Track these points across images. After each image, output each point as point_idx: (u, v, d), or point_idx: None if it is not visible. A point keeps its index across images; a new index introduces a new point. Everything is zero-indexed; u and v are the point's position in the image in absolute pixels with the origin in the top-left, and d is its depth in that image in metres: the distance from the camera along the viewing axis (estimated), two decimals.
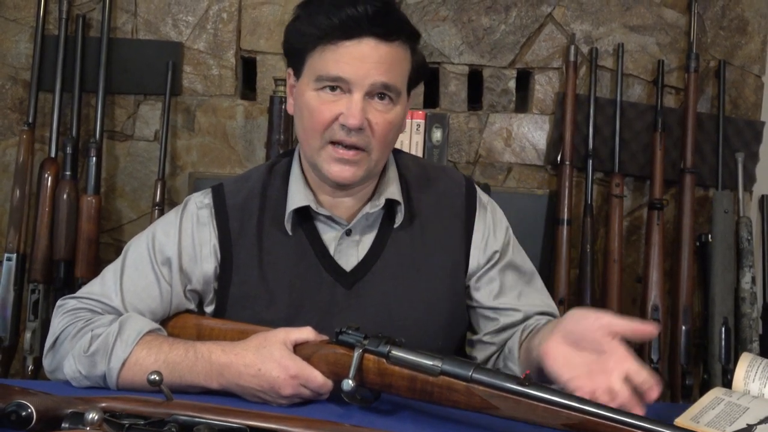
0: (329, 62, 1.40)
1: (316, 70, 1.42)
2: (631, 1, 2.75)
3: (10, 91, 2.66)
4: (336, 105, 1.40)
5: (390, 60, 1.41)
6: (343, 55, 1.39)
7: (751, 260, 2.66)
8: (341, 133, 1.41)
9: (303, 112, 1.45)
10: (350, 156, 1.42)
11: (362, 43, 1.39)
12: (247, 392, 1.31)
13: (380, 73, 1.40)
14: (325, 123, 1.41)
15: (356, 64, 1.39)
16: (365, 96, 1.40)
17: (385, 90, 1.41)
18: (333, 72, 1.39)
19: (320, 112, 1.41)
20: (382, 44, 1.40)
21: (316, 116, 1.42)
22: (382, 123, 1.42)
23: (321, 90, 1.41)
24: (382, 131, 1.43)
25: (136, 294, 1.47)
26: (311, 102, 1.42)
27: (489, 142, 2.75)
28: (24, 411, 1.04)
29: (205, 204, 1.53)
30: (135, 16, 2.66)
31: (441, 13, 2.70)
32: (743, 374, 1.31)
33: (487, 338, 1.56)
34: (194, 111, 2.69)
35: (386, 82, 1.41)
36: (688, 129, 2.69)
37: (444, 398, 1.20)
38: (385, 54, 1.41)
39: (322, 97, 1.41)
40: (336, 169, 1.43)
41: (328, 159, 1.43)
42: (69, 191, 2.47)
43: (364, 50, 1.39)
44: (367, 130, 1.41)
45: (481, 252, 1.55)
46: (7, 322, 2.43)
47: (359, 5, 1.38)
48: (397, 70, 1.43)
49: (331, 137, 1.42)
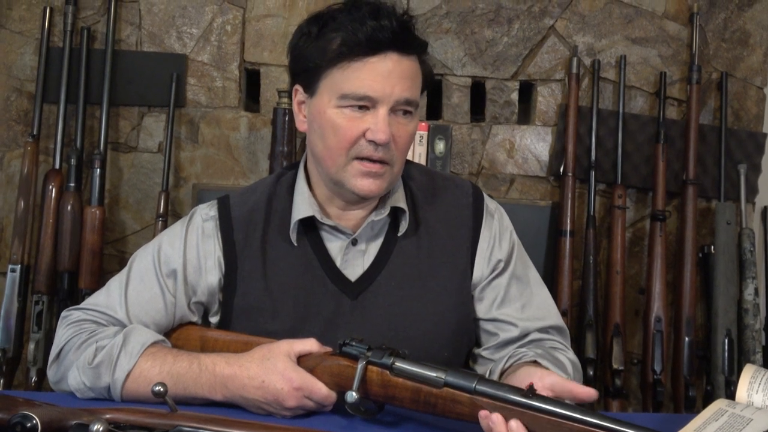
0: (354, 80, 1.39)
1: (339, 87, 1.41)
2: (634, 14, 2.76)
3: (15, 102, 2.67)
4: (362, 122, 1.41)
5: (411, 74, 1.43)
6: (369, 72, 1.39)
7: (753, 271, 2.66)
8: (369, 149, 1.41)
9: (326, 131, 1.44)
10: (377, 169, 1.42)
11: (387, 59, 1.40)
12: (251, 404, 1.31)
13: (404, 89, 1.41)
14: (352, 140, 1.41)
15: (381, 81, 1.39)
16: (390, 111, 1.41)
17: (407, 105, 1.42)
18: (360, 91, 1.39)
19: (347, 129, 1.41)
20: (404, 58, 1.41)
21: (342, 133, 1.41)
22: (405, 136, 1.44)
23: (346, 108, 1.41)
24: (404, 144, 1.45)
25: (140, 306, 1.47)
26: (336, 120, 1.42)
27: (492, 154, 2.76)
28: (29, 422, 1.04)
29: (211, 216, 1.53)
30: (139, 29, 2.67)
31: (444, 26, 2.71)
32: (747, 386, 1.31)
33: (486, 353, 1.56)
34: (198, 123, 2.70)
35: (409, 97, 1.42)
36: (690, 141, 2.69)
37: (448, 410, 1.20)
38: (407, 68, 1.42)
39: (347, 114, 1.41)
40: (364, 183, 1.43)
41: (355, 174, 1.43)
42: (73, 202, 2.48)
43: (388, 66, 1.40)
44: (391, 144, 1.41)
45: (485, 261, 1.55)
46: (11, 333, 2.43)
47: (383, 20, 1.38)
48: (416, 83, 1.45)
49: (358, 153, 1.42)
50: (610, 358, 2.56)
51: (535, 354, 1.45)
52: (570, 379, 1.41)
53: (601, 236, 2.73)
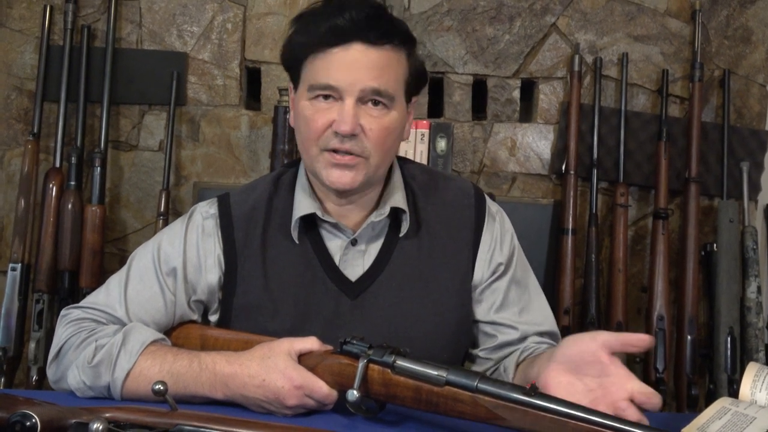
0: (320, 71, 1.41)
1: (308, 79, 1.43)
2: (636, 11, 2.75)
3: (15, 101, 2.66)
4: (329, 113, 1.41)
5: (381, 65, 1.42)
6: (333, 62, 1.40)
7: (756, 270, 2.65)
8: (335, 141, 1.41)
9: (299, 123, 1.47)
10: (346, 161, 1.42)
11: (351, 49, 1.40)
12: (252, 403, 1.30)
13: (370, 79, 1.40)
14: (318, 131, 1.42)
15: (345, 71, 1.40)
16: (357, 102, 1.40)
17: (376, 96, 1.42)
18: (323, 80, 1.40)
19: (314, 121, 1.42)
20: (372, 49, 1.41)
21: (310, 125, 1.43)
22: (377, 128, 1.42)
23: (314, 99, 1.43)
24: (377, 137, 1.43)
25: (140, 304, 1.46)
26: (305, 111, 1.44)
27: (493, 152, 2.75)
28: (28, 421, 1.03)
29: (211, 214, 1.53)
30: (140, 27, 2.67)
31: (445, 23, 2.71)
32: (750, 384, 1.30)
33: (483, 354, 1.55)
34: (199, 121, 2.69)
35: (376, 87, 1.41)
36: (692, 138, 2.69)
37: (449, 409, 1.20)
38: (375, 59, 1.41)
39: (316, 106, 1.43)
40: (335, 175, 1.43)
41: (325, 165, 1.43)
42: (74, 201, 2.48)
43: (353, 56, 1.40)
44: (361, 136, 1.41)
45: (486, 264, 1.55)
46: (12, 332, 2.43)
47: (346, 12, 1.40)
48: (389, 74, 1.43)
49: (325, 145, 1.42)
50: None
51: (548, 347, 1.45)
52: None
53: (603, 234, 2.72)
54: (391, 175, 1.55)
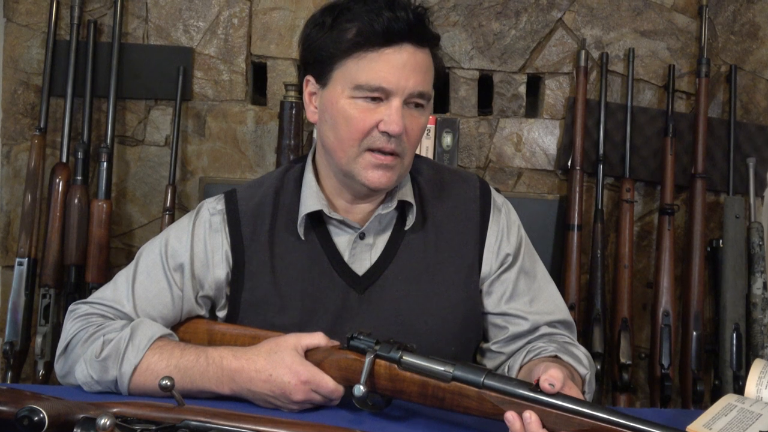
0: (369, 70, 1.39)
1: (353, 78, 1.40)
2: (642, 6, 2.74)
3: (22, 96, 2.67)
4: (375, 113, 1.40)
5: (425, 67, 1.43)
6: (384, 63, 1.39)
7: (762, 266, 2.65)
8: (381, 140, 1.40)
9: (338, 121, 1.43)
10: (389, 161, 1.42)
11: (402, 50, 1.40)
12: (259, 397, 1.31)
13: (417, 82, 1.40)
14: (364, 131, 1.41)
15: (396, 72, 1.39)
16: (402, 104, 1.40)
17: (420, 98, 1.42)
18: (374, 82, 1.39)
19: (360, 120, 1.41)
20: (419, 51, 1.41)
21: (354, 124, 1.41)
22: (416, 129, 1.44)
23: (360, 99, 1.41)
24: (415, 137, 1.44)
25: (147, 300, 1.47)
26: (348, 110, 1.41)
27: (499, 147, 2.75)
28: (36, 416, 1.04)
29: (218, 210, 1.53)
30: (146, 22, 2.67)
31: (451, 18, 2.70)
32: (756, 381, 1.30)
33: (495, 347, 1.55)
34: (205, 116, 2.70)
35: (422, 90, 1.42)
36: (698, 134, 2.68)
37: (456, 404, 1.20)
38: (421, 61, 1.42)
39: (360, 105, 1.41)
40: (375, 176, 1.42)
41: (366, 166, 1.42)
42: (80, 196, 2.48)
43: (403, 57, 1.39)
44: (403, 137, 1.41)
45: (494, 256, 1.55)
46: (18, 326, 2.44)
47: (399, 11, 1.39)
48: (429, 76, 1.44)
49: (370, 144, 1.41)
50: (617, 353, 2.55)
51: (554, 348, 1.45)
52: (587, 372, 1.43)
53: (609, 230, 2.72)
54: None
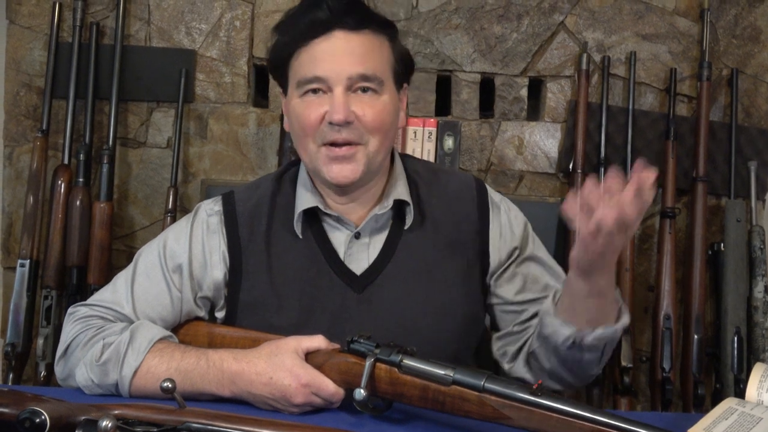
0: (305, 65, 1.43)
1: (296, 76, 1.45)
2: (644, 10, 2.74)
3: (24, 98, 2.67)
4: (320, 106, 1.43)
5: (363, 50, 1.43)
6: (316, 53, 1.42)
7: (763, 269, 2.65)
8: (331, 132, 1.42)
9: (293, 123, 1.48)
10: (344, 152, 1.43)
11: (332, 37, 1.42)
12: (259, 400, 1.31)
13: (355, 64, 1.41)
14: (313, 125, 1.43)
15: (330, 59, 1.41)
16: (346, 90, 1.42)
17: (364, 81, 1.43)
18: (309, 73, 1.42)
19: (307, 116, 1.44)
20: (352, 35, 1.43)
21: (303, 120, 1.44)
22: (371, 113, 1.43)
23: (304, 95, 1.44)
24: (372, 121, 1.44)
25: (147, 302, 1.47)
26: (297, 109, 1.45)
27: (501, 150, 2.75)
28: (38, 418, 1.04)
29: (215, 211, 1.54)
30: (148, 24, 2.67)
31: (453, 22, 2.70)
32: (756, 384, 1.30)
33: (516, 328, 1.56)
34: (207, 118, 2.70)
35: (362, 72, 1.42)
36: (700, 137, 2.68)
37: (456, 408, 1.20)
38: (357, 44, 1.43)
39: (307, 101, 1.44)
40: (335, 170, 1.44)
41: (325, 161, 1.44)
42: (82, 198, 2.48)
43: (335, 44, 1.42)
44: (356, 123, 1.42)
45: (500, 250, 1.56)
46: (20, 327, 2.43)
47: (322, 4, 1.43)
48: (373, 59, 1.44)
49: (323, 139, 1.43)
50: (618, 356, 2.55)
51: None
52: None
53: None
54: (394, 168, 1.56)
